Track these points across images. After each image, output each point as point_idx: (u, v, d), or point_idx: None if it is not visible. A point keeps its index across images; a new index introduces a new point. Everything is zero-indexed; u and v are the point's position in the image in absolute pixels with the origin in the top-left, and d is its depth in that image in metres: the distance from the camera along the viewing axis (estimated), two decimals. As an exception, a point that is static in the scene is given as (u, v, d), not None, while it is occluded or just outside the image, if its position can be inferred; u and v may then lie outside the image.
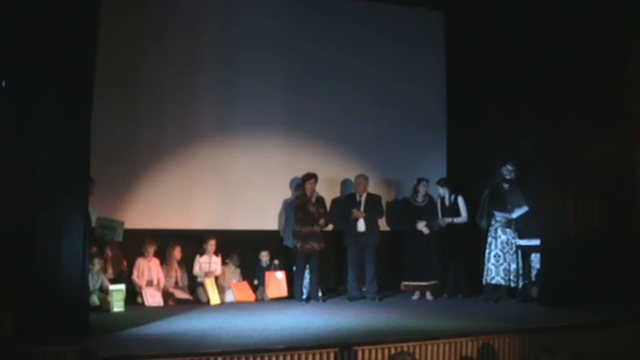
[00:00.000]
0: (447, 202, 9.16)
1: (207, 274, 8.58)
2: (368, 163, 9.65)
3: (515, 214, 8.71)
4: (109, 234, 8.11)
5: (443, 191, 9.22)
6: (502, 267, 8.68)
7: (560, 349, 5.85)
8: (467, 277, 9.01)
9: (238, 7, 9.33)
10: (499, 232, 8.74)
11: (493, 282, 8.71)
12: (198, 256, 8.71)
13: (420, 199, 9.15)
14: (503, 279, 8.67)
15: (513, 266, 8.64)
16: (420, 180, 9.18)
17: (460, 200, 9.10)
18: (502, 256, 8.68)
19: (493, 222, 8.80)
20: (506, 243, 8.70)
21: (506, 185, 8.84)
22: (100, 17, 6.34)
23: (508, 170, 8.81)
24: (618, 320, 7.06)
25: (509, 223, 8.72)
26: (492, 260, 8.71)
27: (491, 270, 8.71)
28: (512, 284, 8.67)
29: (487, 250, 8.77)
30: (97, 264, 7.85)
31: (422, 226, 9.00)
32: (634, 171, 8.29)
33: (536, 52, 8.40)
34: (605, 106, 8.16)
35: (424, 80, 10.28)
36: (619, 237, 8.12)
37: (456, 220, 9.06)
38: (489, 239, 8.78)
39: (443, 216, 9.12)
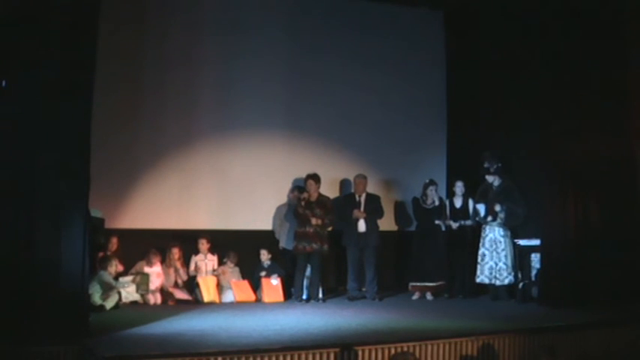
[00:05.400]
0: (457, 204, 9.16)
1: (209, 273, 8.60)
2: (368, 163, 9.66)
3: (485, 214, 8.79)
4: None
5: (460, 189, 9.20)
6: (487, 265, 8.71)
7: (560, 349, 5.85)
8: (470, 278, 9.00)
9: (238, 7, 9.33)
10: (487, 230, 8.79)
11: (477, 280, 8.75)
12: (193, 256, 8.76)
13: (429, 200, 9.15)
14: (487, 277, 8.69)
15: (500, 264, 8.64)
16: (429, 183, 9.17)
17: (471, 204, 9.09)
18: (488, 255, 8.72)
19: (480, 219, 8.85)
20: (494, 241, 8.71)
21: (494, 181, 8.81)
22: (100, 17, 6.34)
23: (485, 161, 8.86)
24: (618, 320, 7.06)
25: (494, 220, 8.71)
26: (478, 259, 8.76)
27: (477, 269, 8.74)
28: (498, 282, 8.67)
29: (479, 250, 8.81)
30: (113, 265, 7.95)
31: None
32: (634, 171, 8.28)
33: (535, 52, 8.41)
34: (605, 106, 8.16)
35: (424, 80, 10.29)
36: (619, 237, 8.11)
37: (466, 222, 9.06)
38: (480, 238, 8.80)
39: (452, 217, 9.12)
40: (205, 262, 8.73)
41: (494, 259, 8.69)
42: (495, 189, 8.84)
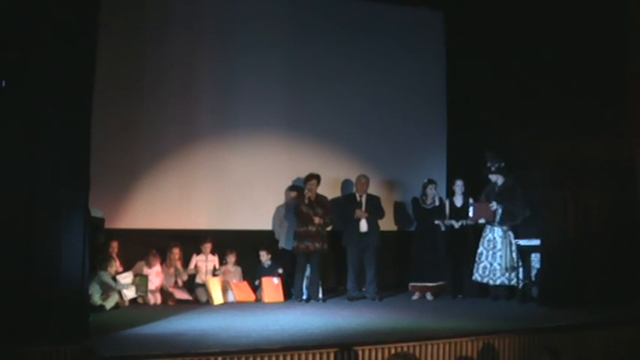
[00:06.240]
0: (457, 203, 9.17)
1: (209, 273, 8.61)
2: (368, 163, 9.66)
3: (471, 215, 8.82)
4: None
5: (460, 188, 9.23)
6: (482, 265, 8.75)
7: (560, 349, 5.85)
8: (470, 278, 8.99)
9: (237, 8, 9.34)
10: (487, 230, 8.81)
11: (472, 278, 8.80)
12: (195, 255, 8.78)
13: (429, 200, 9.15)
14: (481, 276, 8.71)
15: (495, 264, 8.65)
16: (428, 182, 9.18)
17: (472, 202, 9.09)
18: (484, 254, 8.75)
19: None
20: (491, 241, 8.72)
21: (497, 180, 8.83)
22: (100, 17, 6.34)
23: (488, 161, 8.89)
24: (618, 320, 7.05)
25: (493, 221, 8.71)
26: (476, 258, 8.79)
27: (474, 267, 8.77)
28: (490, 282, 8.68)
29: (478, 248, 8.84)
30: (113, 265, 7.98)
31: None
32: (634, 170, 8.28)
33: (535, 52, 8.41)
34: (605, 106, 8.15)
35: (424, 80, 10.29)
36: (619, 236, 8.11)
37: (468, 222, 9.06)
38: (481, 237, 8.82)
39: (452, 216, 9.12)
40: (206, 263, 8.74)
41: (490, 258, 8.70)
42: (498, 188, 8.85)
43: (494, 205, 8.68)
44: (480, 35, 9.70)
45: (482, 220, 8.84)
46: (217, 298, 8.38)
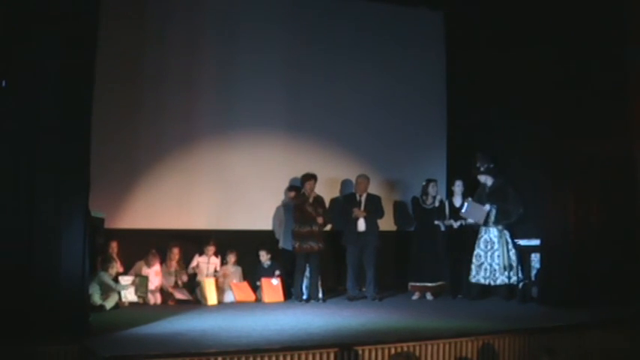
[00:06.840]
0: (457, 203, 9.17)
1: (210, 274, 8.61)
2: (368, 163, 9.66)
3: (463, 210, 8.80)
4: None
5: (459, 188, 9.23)
6: (482, 266, 8.74)
7: (560, 350, 5.85)
8: (468, 278, 9.00)
9: (237, 8, 9.34)
10: (482, 231, 8.81)
11: (473, 281, 8.78)
12: (197, 255, 8.77)
13: (429, 201, 9.14)
14: (483, 277, 8.71)
15: (494, 265, 8.65)
16: (428, 181, 9.19)
17: (470, 200, 9.08)
18: (482, 255, 8.75)
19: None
20: (488, 242, 8.72)
21: (486, 180, 8.83)
22: (100, 17, 6.34)
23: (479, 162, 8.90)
24: (618, 320, 7.05)
25: (487, 221, 8.71)
26: (474, 259, 8.79)
27: (472, 269, 8.78)
28: (492, 282, 8.69)
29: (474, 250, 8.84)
30: (114, 266, 7.97)
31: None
32: (634, 170, 8.28)
33: (535, 52, 8.41)
34: (605, 106, 8.15)
35: (424, 80, 10.29)
36: (619, 236, 8.11)
37: (468, 222, 9.05)
38: (477, 238, 8.82)
39: (452, 216, 9.12)
40: (208, 264, 8.73)
41: (489, 259, 8.70)
42: (488, 189, 8.86)
43: (487, 207, 8.68)
44: (479, 35, 9.70)
45: (470, 220, 8.85)
46: (211, 298, 8.35)
